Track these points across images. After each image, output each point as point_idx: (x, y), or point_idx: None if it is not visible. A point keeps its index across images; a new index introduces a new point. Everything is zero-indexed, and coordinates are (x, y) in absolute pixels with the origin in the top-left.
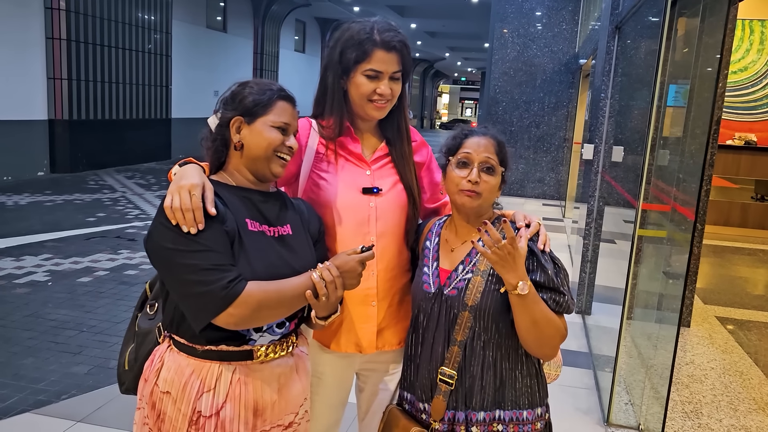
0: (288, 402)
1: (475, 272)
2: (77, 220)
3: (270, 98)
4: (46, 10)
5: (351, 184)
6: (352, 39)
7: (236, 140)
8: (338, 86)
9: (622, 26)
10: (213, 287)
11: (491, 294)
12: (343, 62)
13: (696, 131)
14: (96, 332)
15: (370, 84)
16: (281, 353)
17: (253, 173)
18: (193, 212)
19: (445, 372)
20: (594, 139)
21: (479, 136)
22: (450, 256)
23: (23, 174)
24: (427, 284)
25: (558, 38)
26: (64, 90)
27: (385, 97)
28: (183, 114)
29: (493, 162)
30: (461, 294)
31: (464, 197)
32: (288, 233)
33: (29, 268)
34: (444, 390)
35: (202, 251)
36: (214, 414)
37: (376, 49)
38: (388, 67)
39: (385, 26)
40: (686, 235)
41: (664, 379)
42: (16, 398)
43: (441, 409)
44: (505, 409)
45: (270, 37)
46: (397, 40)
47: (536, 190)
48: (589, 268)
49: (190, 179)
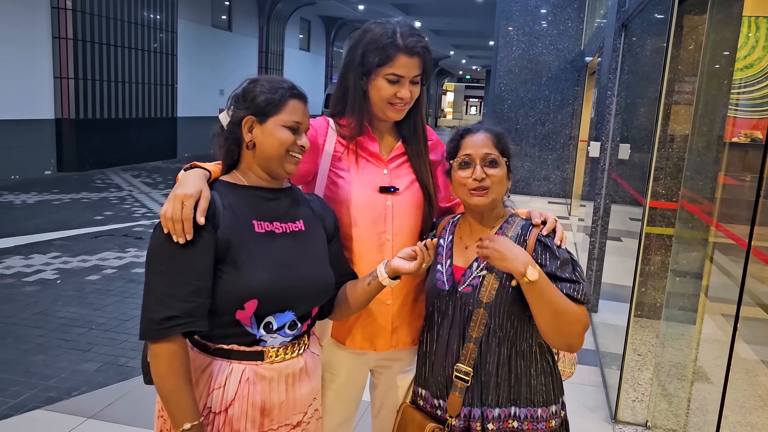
0: (296, 402)
1: (489, 269)
2: (85, 218)
3: (282, 97)
4: (52, 10)
5: (368, 183)
6: (374, 42)
7: (248, 140)
8: (359, 87)
9: (628, 23)
10: (150, 315)
11: (506, 291)
12: (364, 64)
13: (703, 128)
14: (105, 330)
15: (391, 88)
16: (292, 354)
17: (266, 172)
18: (183, 223)
19: (461, 369)
20: (600, 137)
21: (475, 133)
22: (464, 253)
23: (31, 173)
24: (441, 282)
25: (563, 36)
26: (71, 89)
27: (404, 101)
28: (188, 113)
29: (494, 155)
30: (476, 291)
31: (475, 198)
32: (300, 229)
33: (38, 266)
34: (460, 387)
35: (169, 273)
36: (223, 411)
37: (399, 54)
38: (409, 71)
39: (408, 30)
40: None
41: (681, 379)
42: (27, 395)
43: (457, 405)
44: (520, 406)
45: (275, 36)
46: (420, 45)
47: (542, 188)
48: (596, 265)
49: (185, 188)
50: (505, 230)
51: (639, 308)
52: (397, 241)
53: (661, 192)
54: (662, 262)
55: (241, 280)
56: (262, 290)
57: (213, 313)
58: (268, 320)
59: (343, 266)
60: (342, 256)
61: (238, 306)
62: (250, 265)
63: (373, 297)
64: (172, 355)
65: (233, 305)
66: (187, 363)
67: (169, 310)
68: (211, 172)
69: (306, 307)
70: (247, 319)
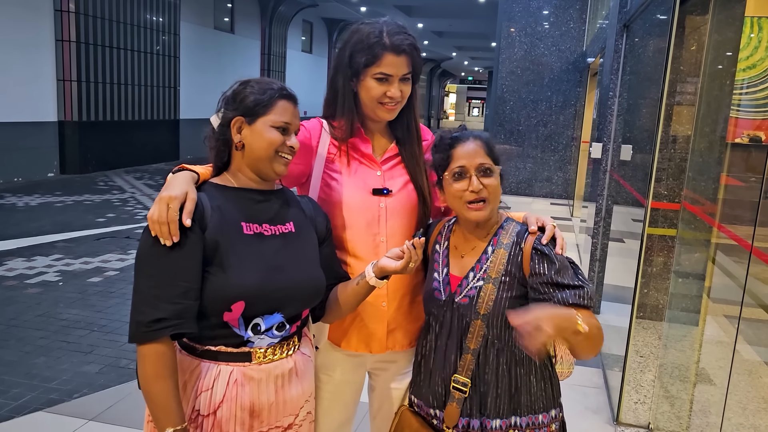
0: (286, 404)
1: (486, 279)
2: (87, 220)
3: (270, 97)
4: (55, 13)
5: (361, 185)
6: (361, 42)
7: (237, 140)
8: (348, 88)
9: (630, 24)
10: (139, 317)
11: (503, 301)
12: (352, 65)
13: (705, 129)
14: (107, 332)
15: (380, 87)
16: (281, 355)
17: (255, 173)
18: (169, 225)
19: (459, 380)
20: (602, 138)
21: (465, 141)
22: (460, 262)
23: (34, 175)
24: (438, 291)
25: (565, 37)
26: (74, 92)
27: (395, 100)
28: (191, 115)
29: (488, 164)
30: (473, 302)
31: (473, 212)
32: (290, 231)
33: (40, 268)
34: (458, 398)
35: (157, 276)
36: (212, 413)
37: (386, 52)
38: (398, 70)
39: (395, 29)
40: None
41: (683, 381)
42: (28, 397)
43: (455, 416)
44: (521, 415)
45: (277, 38)
46: (407, 43)
47: (544, 190)
48: (598, 267)
49: (170, 190)
50: (500, 237)
51: (641, 310)
52: (391, 243)
53: (663, 193)
54: (664, 263)
55: (228, 281)
56: (249, 292)
57: (201, 315)
58: (256, 322)
59: (336, 269)
60: (335, 259)
61: (226, 308)
62: (238, 267)
63: (363, 298)
64: (158, 358)
65: (220, 307)
66: (173, 366)
67: (157, 312)
68: (200, 175)
69: (295, 309)
70: (234, 321)
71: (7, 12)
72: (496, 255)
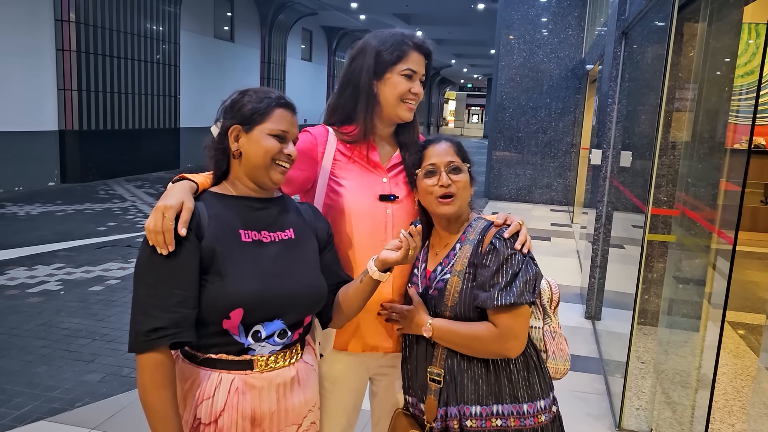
0: (288, 413)
1: (452, 273)
2: (88, 229)
3: (268, 106)
4: (56, 22)
5: (368, 191)
6: (387, 42)
7: (234, 149)
8: (371, 89)
9: (628, 31)
10: (137, 327)
11: (468, 292)
12: (379, 64)
13: (704, 135)
14: (108, 340)
15: (406, 83)
16: (283, 364)
17: (253, 181)
18: (164, 234)
19: (433, 371)
20: (602, 145)
21: (437, 143)
22: (434, 259)
23: (34, 184)
24: (416, 285)
25: (564, 44)
26: (75, 101)
27: (418, 97)
28: (191, 123)
29: (457, 162)
30: (441, 294)
31: (443, 207)
32: (290, 237)
33: (42, 277)
34: (434, 389)
35: (154, 285)
36: (213, 421)
37: (413, 51)
38: (420, 68)
39: (413, 33)
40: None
41: (684, 386)
42: (30, 406)
43: (433, 408)
44: (503, 403)
45: (277, 46)
46: (427, 45)
47: (544, 196)
48: (599, 273)
49: (167, 200)
50: (467, 234)
51: (642, 316)
52: None
53: (663, 199)
54: (665, 269)
55: (226, 289)
56: (247, 299)
57: (200, 323)
58: (257, 329)
59: (339, 273)
60: (337, 263)
61: (224, 315)
62: (235, 275)
63: (369, 296)
64: (156, 367)
65: (219, 315)
66: (171, 376)
67: (155, 322)
68: (199, 184)
69: (296, 315)
70: (234, 329)
71: (8, 21)
72: (462, 251)
